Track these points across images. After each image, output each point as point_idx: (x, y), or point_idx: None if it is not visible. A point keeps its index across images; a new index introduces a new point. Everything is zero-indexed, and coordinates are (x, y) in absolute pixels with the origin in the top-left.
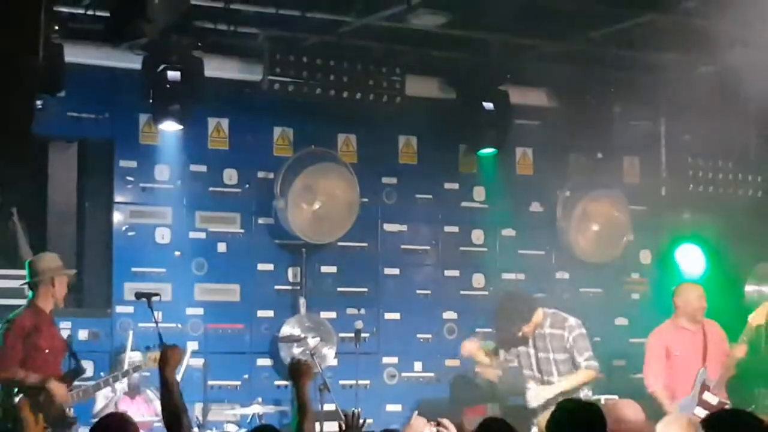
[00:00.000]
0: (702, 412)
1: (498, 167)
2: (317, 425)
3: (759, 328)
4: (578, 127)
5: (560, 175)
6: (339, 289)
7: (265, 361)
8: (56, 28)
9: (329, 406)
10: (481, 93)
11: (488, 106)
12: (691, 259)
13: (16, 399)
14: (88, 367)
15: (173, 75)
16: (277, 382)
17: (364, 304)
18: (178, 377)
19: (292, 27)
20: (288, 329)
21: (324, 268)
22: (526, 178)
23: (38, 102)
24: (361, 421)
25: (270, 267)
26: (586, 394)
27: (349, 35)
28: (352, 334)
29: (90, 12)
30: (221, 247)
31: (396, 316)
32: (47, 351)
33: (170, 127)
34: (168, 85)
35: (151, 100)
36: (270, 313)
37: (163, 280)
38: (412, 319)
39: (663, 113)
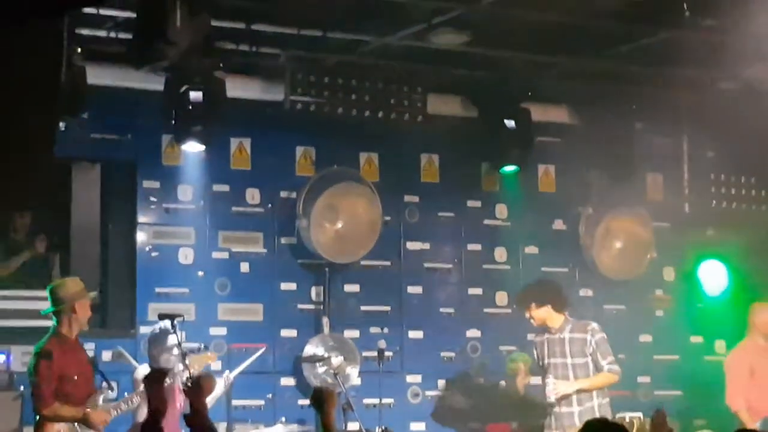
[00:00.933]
0: None
1: (520, 185)
2: None
3: None
4: (600, 144)
5: (583, 192)
6: (362, 308)
7: (288, 381)
8: (79, 50)
9: (353, 426)
10: (502, 111)
11: (510, 123)
12: (714, 275)
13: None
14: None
15: (195, 96)
16: (300, 402)
17: (388, 323)
18: (210, 405)
19: (313, 47)
20: (311, 349)
21: (347, 287)
22: (548, 196)
23: (61, 124)
24: None
25: (293, 286)
26: (600, 402)
27: (370, 54)
28: (376, 353)
29: (112, 34)
30: (244, 266)
31: (419, 334)
32: (76, 377)
33: (193, 147)
34: (190, 106)
35: (173, 121)
36: (293, 333)
37: (187, 300)
38: (435, 337)
39: (685, 130)
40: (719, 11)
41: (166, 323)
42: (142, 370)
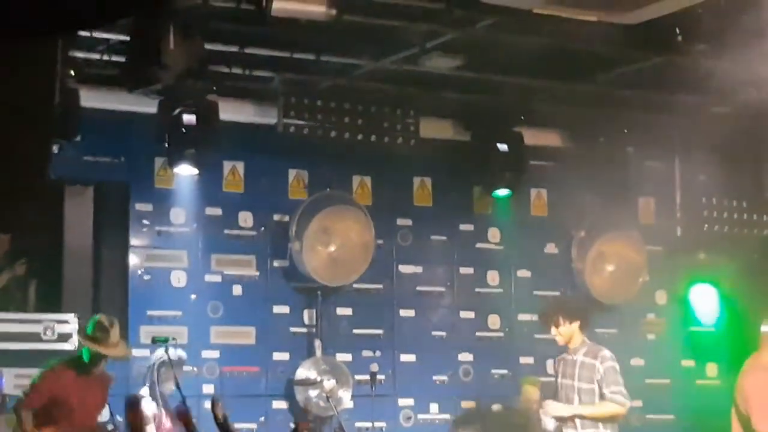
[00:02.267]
0: None
1: (512, 208)
2: None
3: None
4: (593, 168)
5: (575, 216)
6: (354, 331)
7: (280, 404)
8: (72, 73)
9: None
10: (495, 134)
11: (502, 147)
12: (705, 299)
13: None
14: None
15: (188, 119)
16: (292, 425)
17: (380, 347)
18: None
19: (306, 70)
20: (304, 372)
21: (339, 311)
22: (540, 219)
23: (54, 146)
24: None
25: (285, 309)
26: None
27: (363, 78)
28: (368, 377)
29: (106, 57)
30: (237, 290)
31: (411, 358)
32: (74, 406)
33: (186, 170)
34: (183, 129)
35: (166, 144)
36: (285, 356)
37: (179, 323)
38: (427, 360)
39: (677, 154)
40: (711, 36)
41: (181, 353)
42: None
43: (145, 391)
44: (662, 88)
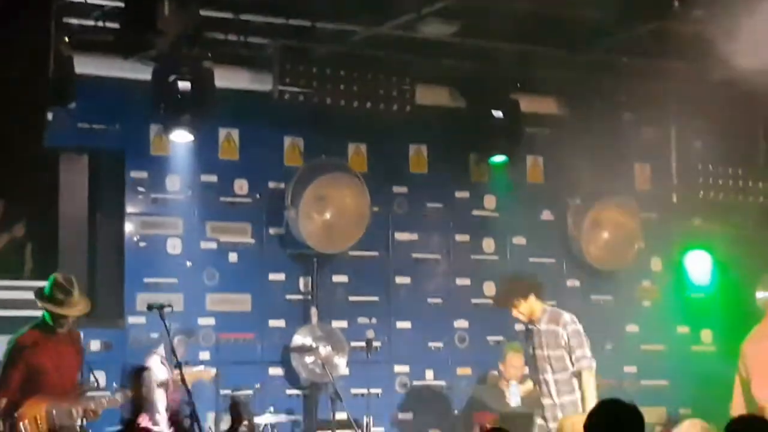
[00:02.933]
0: None
1: (509, 175)
2: None
3: None
4: (589, 134)
5: (571, 183)
6: (350, 298)
7: (276, 371)
8: (66, 39)
9: (341, 415)
10: (491, 101)
11: (498, 114)
12: (700, 266)
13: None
14: (101, 377)
15: (184, 86)
16: (289, 392)
17: (376, 314)
18: None
19: (302, 37)
20: (299, 339)
21: (335, 278)
22: (536, 187)
23: (49, 114)
24: None
25: (281, 277)
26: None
27: (359, 45)
28: (364, 344)
29: (100, 24)
30: (232, 257)
31: (407, 324)
32: (51, 371)
33: (181, 137)
34: (178, 96)
35: (161, 111)
36: (281, 323)
37: (175, 290)
38: (423, 327)
39: (673, 120)
40: (708, 2)
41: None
42: (155, 364)
43: (155, 360)
44: (659, 55)
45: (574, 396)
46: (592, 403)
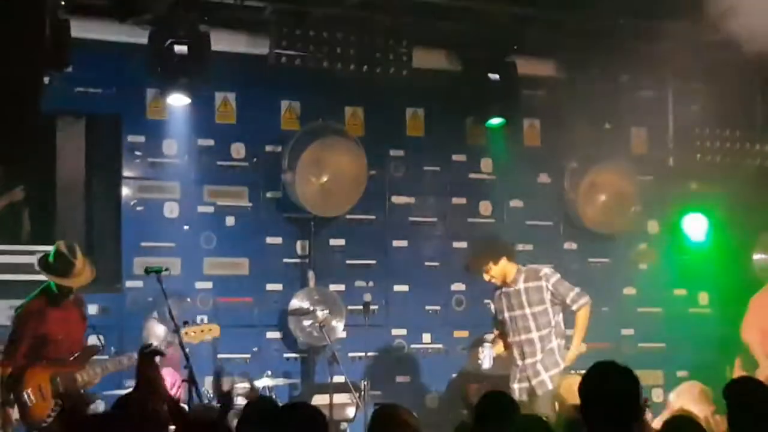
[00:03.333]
0: None
1: (505, 139)
2: (327, 397)
3: None
4: (585, 97)
5: (568, 146)
6: (347, 261)
7: (274, 334)
8: (62, 3)
9: (338, 378)
10: (487, 64)
11: (495, 77)
12: (697, 229)
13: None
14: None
15: (180, 49)
16: (286, 355)
17: (373, 277)
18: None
19: (299, 0)
20: (297, 302)
21: (332, 241)
22: (533, 150)
23: (45, 78)
24: None
25: (278, 240)
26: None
27: (356, 8)
28: (361, 307)
29: None
30: (229, 221)
31: (404, 288)
32: (60, 337)
33: (178, 101)
34: (175, 60)
35: (158, 75)
36: (279, 287)
37: (173, 254)
38: (420, 291)
39: (670, 83)
40: None
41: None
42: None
43: (153, 324)
44: (655, 17)
45: (552, 344)
46: (582, 329)
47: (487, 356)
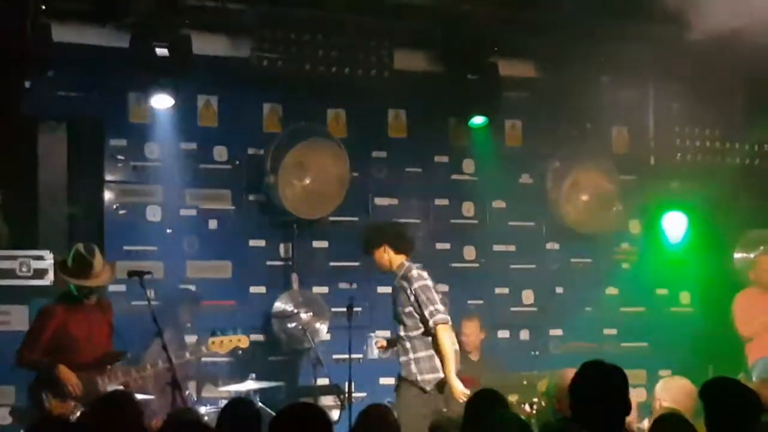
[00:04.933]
0: None
1: (487, 139)
2: (311, 400)
3: None
4: (566, 97)
5: (549, 146)
6: (331, 264)
7: (258, 337)
8: (43, 7)
9: (322, 381)
10: (469, 65)
11: (476, 78)
12: (678, 228)
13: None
14: None
15: (162, 52)
16: (270, 358)
17: (356, 279)
18: None
19: (279, 2)
20: (281, 305)
21: (316, 244)
22: (515, 150)
23: (27, 82)
24: None
25: (261, 243)
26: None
27: (337, 9)
28: (345, 309)
29: None
30: (212, 224)
31: (388, 289)
32: (81, 339)
33: (160, 104)
34: (157, 63)
35: (140, 79)
36: (262, 290)
37: (155, 258)
38: None
39: (651, 83)
40: None
41: None
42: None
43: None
44: (636, 17)
45: (430, 352)
46: (452, 360)
47: (371, 345)
